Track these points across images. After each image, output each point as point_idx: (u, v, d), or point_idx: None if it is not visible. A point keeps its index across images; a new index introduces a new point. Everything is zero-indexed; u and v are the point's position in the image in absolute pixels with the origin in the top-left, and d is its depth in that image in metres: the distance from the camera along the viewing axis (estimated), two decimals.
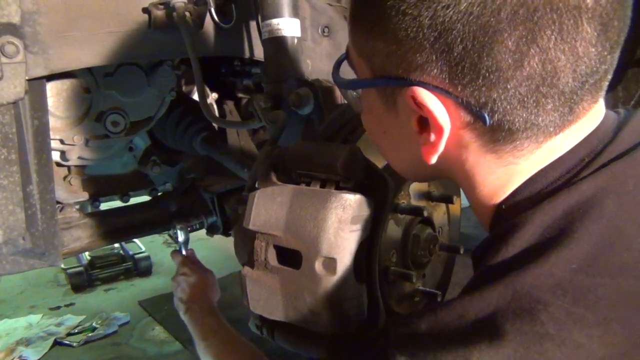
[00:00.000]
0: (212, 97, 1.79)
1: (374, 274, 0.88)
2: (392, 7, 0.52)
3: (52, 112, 1.31)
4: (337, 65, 0.69)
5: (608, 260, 0.49)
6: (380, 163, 0.88)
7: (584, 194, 0.52)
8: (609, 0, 0.49)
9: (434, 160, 0.59)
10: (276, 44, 1.13)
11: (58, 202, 1.53)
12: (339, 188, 0.84)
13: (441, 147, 0.57)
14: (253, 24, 1.39)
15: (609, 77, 0.55)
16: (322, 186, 0.86)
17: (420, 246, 1.00)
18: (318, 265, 0.79)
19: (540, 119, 0.53)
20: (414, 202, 1.00)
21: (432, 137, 0.56)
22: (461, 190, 1.18)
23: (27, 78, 1.08)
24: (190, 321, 1.22)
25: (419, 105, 0.55)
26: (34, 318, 3.20)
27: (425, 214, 0.94)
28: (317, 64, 1.56)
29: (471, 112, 0.53)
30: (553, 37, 0.48)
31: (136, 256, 3.90)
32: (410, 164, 0.67)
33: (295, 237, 0.81)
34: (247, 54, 1.40)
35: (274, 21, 1.13)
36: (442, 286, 1.14)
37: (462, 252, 1.07)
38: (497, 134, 0.55)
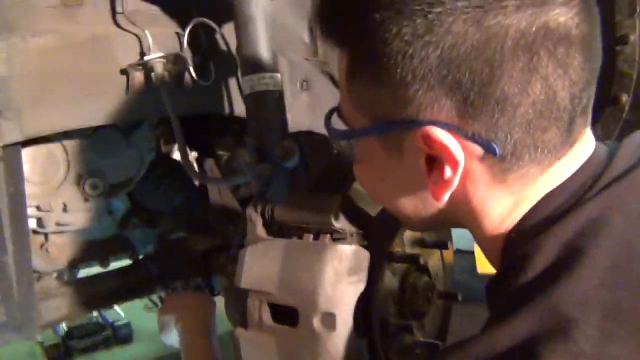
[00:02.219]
0: (192, 156, 1.77)
1: (374, 327, 0.85)
2: (398, 53, 0.54)
3: (28, 178, 1.26)
4: (329, 117, 0.70)
5: (626, 275, 0.51)
6: (372, 212, 0.86)
7: (592, 214, 0.55)
8: (589, 30, 0.54)
9: (445, 198, 0.60)
10: (258, 98, 1.13)
11: (35, 272, 1.46)
12: (334, 239, 0.82)
13: (455, 183, 0.58)
14: (232, 81, 1.39)
15: (592, 102, 0.60)
16: (316, 238, 0.83)
17: (419, 295, 0.97)
18: (316, 322, 0.76)
19: (545, 143, 0.56)
20: (409, 250, 0.98)
21: (448, 173, 0.57)
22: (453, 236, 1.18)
23: (1, 145, 1.05)
24: (182, 343, 1.17)
25: (430, 145, 0.56)
26: None
27: (422, 261, 0.92)
28: (297, 117, 1.56)
29: (481, 144, 0.55)
30: (551, 64, 0.52)
31: (116, 324, 3.76)
32: (414, 209, 0.67)
33: (290, 293, 0.78)
34: (227, 111, 1.40)
35: (255, 76, 1.12)
36: (441, 336, 1.11)
37: (460, 299, 1.04)
38: (507, 163, 0.57)
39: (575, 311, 0.49)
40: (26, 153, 1.26)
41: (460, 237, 0.71)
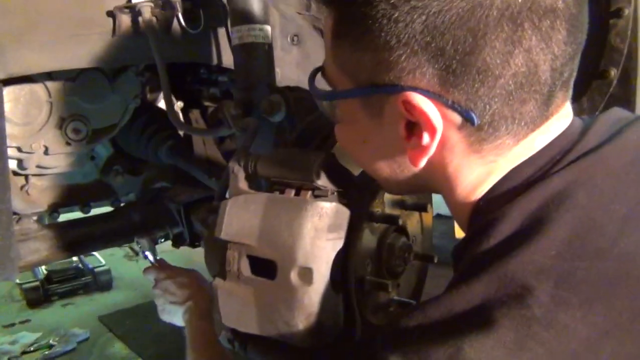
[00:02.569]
0: (178, 105, 1.74)
1: (350, 283, 0.86)
2: (383, 17, 0.53)
3: (9, 118, 1.24)
4: (312, 76, 0.70)
5: (584, 246, 0.52)
6: (354, 170, 0.86)
7: (557, 187, 0.56)
8: (575, 3, 0.54)
9: (422, 163, 0.61)
10: (247, 50, 1.11)
11: (15, 213, 1.46)
12: (314, 196, 0.82)
13: (432, 149, 0.58)
14: (221, 31, 1.37)
15: (574, 76, 0.60)
16: (297, 194, 0.84)
17: (395, 255, 0.99)
18: (294, 276, 0.77)
19: (522, 115, 0.56)
20: (388, 210, 0.98)
21: (425, 139, 0.57)
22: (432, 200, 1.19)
23: None
24: (189, 323, 1.15)
25: (410, 110, 0.57)
26: None
27: (400, 222, 0.93)
28: (287, 72, 1.54)
29: (460, 113, 0.56)
30: (534, 36, 0.52)
31: (96, 270, 3.79)
32: (391, 172, 0.67)
33: (269, 246, 0.78)
34: (215, 61, 1.38)
35: (245, 27, 1.10)
36: (415, 295, 1.13)
37: (435, 260, 1.06)
38: (483, 133, 0.57)
39: (531, 279, 0.51)
40: (7, 92, 1.24)
41: (441, 202, 0.72)
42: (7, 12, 1.04)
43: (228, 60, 1.36)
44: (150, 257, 1.36)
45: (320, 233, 0.77)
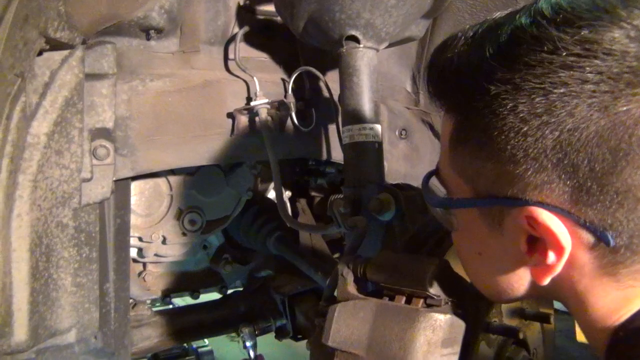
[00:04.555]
0: (286, 195, 1.80)
1: None
2: (511, 130, 0.51)
3: (133, 210, 1.34)
4: (427, 179, 0.67)
5: None
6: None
7: None
8: None
9: (547, 282, 0.56)
10: (356, 149, 1.13)
11: (130, 299, 1.53)
12: (427, 305, 0.78)
13: (559, 269, 0.54)
14: (332, 127, 1.41)
15: None
16: (408, 301, 0.80)
17: None
18: None
19: None
20: (507, 320, 0.91)
21: (551, 258, 0.53)
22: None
23: (114, 179, 1.11)
24: None
25: (534, 226, 0.53)
26: None
27: (521, 335, 0.85)
28: (394, 165, 1.55)
29: (594, 233, 0.51)
30: None
31: (199, 350, 3.84)
32: (508, 286, 0.62)
33: (379, 358, 0.74)
34: (325, 157, 1.41)
35: (356, 126, 1.12)
36: None
37: None
38: (619, 255, 0.52)
39: None
40: (134, 186, 1.34)
41: None
42: (140, 116, 1.14)
43: (337, 155, 1.39)
44: (251, 353, 1.36)
45: (433, 348, 0.72)
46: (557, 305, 1.06)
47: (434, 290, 0.77)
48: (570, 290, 0.57)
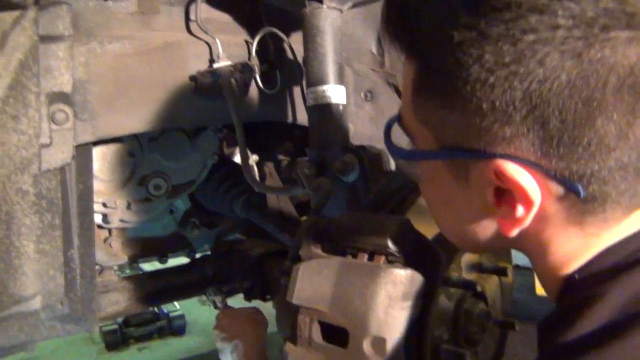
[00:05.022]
0: (253, 159, 1.79)
1: (425, 353, 0.83)
2: (476, 81, 0.47)
3: (96, 175, 1.32)
4: (388, 128, 0.64)
5: None
6: (429, 234, 0.84)
7: None
8: None
9: (514, 233, 0.54)
10: (321, 110, 1.13)
11: (97, 265, 1.53)
12: (388, 261, 0.80)
13: (528, 221, 0.52)
14: (297, 90, 1.40)
15: None
16: (370, 259, 0.82)
17: (473, 322, 0.94)
18: (366, 345, 0.74)
19: (636, 190, 0.50)
20: (466, 274, 0.95)
21: (520, 211, 0.51)
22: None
23: (74, 144, 1.09)
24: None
25: (502, 179, 0.51)
26: None
27: (479, 288, 0.89)
28: (360, 128, 1.55)
29: (564, 184, 0.50)
30: None
31: (171, 314, 3.87)
32: (473, 235, 0.61)
33: (341, 313, 0.76)
34: (290, 119, 1.41)
35: (320, 88, 1.12)
36: None
37: (517, 329, 1.00)
38: (588, 205, 0.51)
39: None
40: (96, 151, 1.32)
41: (520, 253, 0.67)
42: (99, 80, 1.11)
43: (303, 118, 1.39)
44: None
45: (394, 302, 0.74)
46: (518, 260, 1.11)
47: (395, 247, 0.80)
48: (534, 240, 0.56)
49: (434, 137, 0.55)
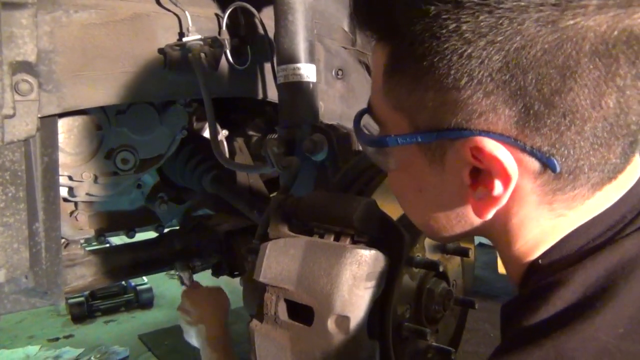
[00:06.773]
0: (223, 134, 1.78)
1: (387, 331, 0.85)
2: (453, 52, 0.47)
3: (62, 148, 1.30)
4: (358, 118, 0.64)
5: None
6: (395, 215, 0.86)
7: (628, 252, 0.50)
8: None
9: (490, 215, 0.54)
10: (291, 88, 1.13)
11: (63, 238, 1.51)
12: (354, 242, 0.82)
13: (505, 200, 0.52)
14: (267, 66, 1.39)
15: None
16: (336, 239, 0.83)
17: (435, 301, 0.97)
18: (331, 323, 0.76)
19: (606, 163, 0.50)
20: (429, 255, 0.97)
21: (498, 189, 0.51)
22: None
23: (39, 116, 1.07)
24: (202, 348, 1.17)
25: (479, 157, 0.50)
26: (32, 349, 3.14)
27: (441, 268, 0.91)
28: (330, 106, 1.56)
29: (540, 159, 0.49)
30: (629, 74, 0.45)
31: (138, 288, 3.85)
32: (446, 223, 0.61)
33: (307, 292, 0.78)
34: (260, 96, 1.40)
35: (290, 66, 1.12)
36: (455, 341, 1.11)
37: (476, 307, 1.04)
38: (562, 181, 0.51)
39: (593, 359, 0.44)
40: (62, 123, 1.29)
41: None
42: (65, 50, 1.09)
43: (273, 94, 1.39)
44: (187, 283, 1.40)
45: (358, 281, 0.76)
46: (482, 238, 1.14)
47: (361, 228, 0.81)
48: (505, 224, 0.56)
49: (408, 122, 0.55)
